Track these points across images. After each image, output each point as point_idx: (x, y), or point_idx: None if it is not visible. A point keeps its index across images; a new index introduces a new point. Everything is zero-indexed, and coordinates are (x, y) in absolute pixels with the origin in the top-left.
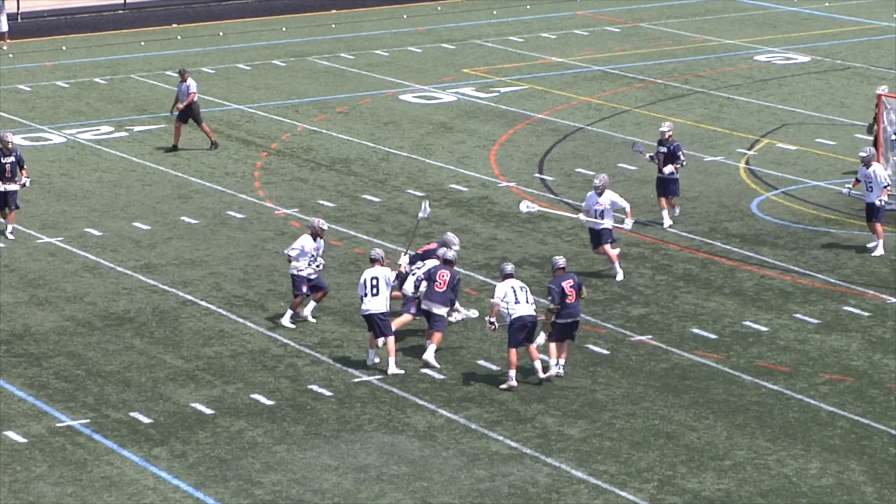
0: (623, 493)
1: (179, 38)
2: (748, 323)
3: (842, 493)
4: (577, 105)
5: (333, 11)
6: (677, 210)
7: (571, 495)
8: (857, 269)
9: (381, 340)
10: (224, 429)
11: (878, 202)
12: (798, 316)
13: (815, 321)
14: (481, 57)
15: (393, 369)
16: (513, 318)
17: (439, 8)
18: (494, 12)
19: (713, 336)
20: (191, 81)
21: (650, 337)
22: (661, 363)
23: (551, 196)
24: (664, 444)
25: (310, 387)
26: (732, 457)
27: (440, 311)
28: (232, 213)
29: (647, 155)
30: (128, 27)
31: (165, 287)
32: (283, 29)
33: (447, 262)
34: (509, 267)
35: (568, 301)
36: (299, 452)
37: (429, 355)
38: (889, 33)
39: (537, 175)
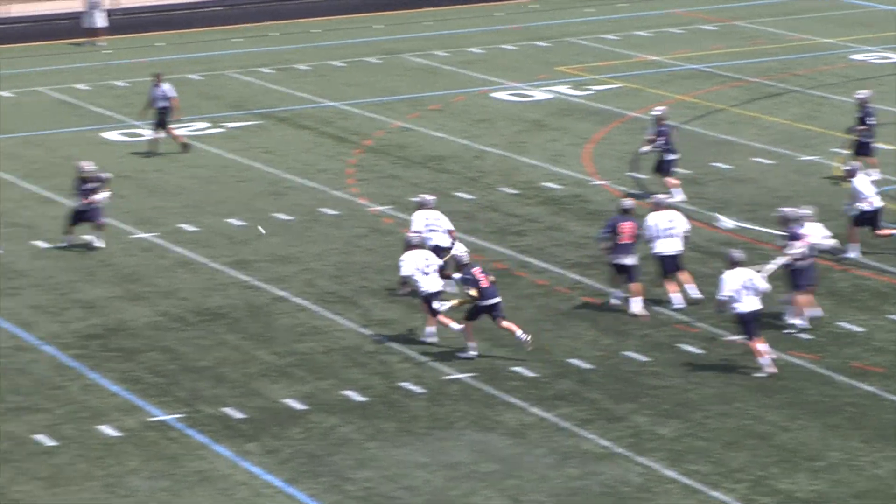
0: (715, 494)
1: (275, 34)
2: (843, 323)
3: None
4: (671, 104)
5: (427, 9)
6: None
7: (663, 495)
8: None
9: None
10: (316, 425)
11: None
12: (894, 317)
13: None
14: (575, 55)
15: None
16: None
17: (534, 6)
18: (589, 10)
19: (807, 336)
20: (167, 85)
21: (743, 337)
22: (754, 363)
23: (645, 195)
24: (757, 444)
25: (401, 384)
26: (826, 458)
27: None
28: (325, 210)
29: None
30: (222, 24)
31: (259, 283)
32: (377, 26)
33: (626, 212)
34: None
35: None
36: (391, 449)
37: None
38: None
39: (630, 173)
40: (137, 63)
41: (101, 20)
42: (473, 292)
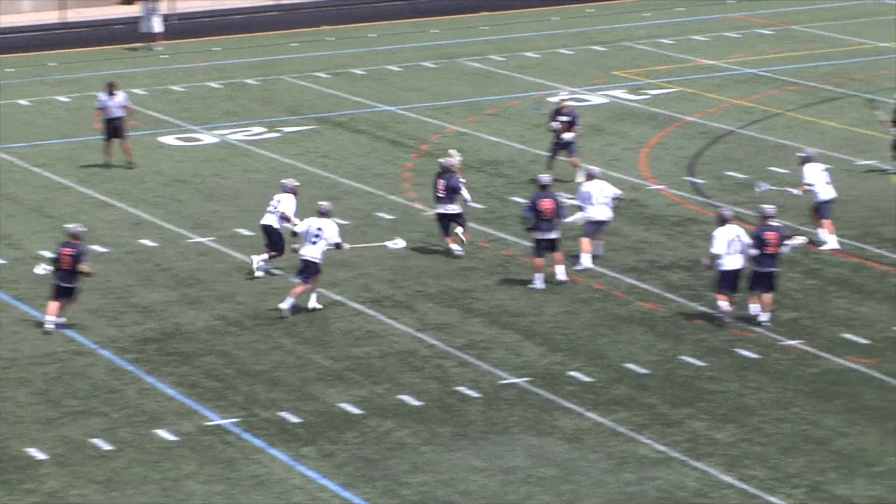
0: (772, 499)
1: (331, 39)
2: None
3: None
4: (727, 108)
5: (483, 13)
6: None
7: (720, 500)
8: None
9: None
10: (372, 429)
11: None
12: None
13: None
14: (632, 59)
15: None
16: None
17: (590, 10)
18: (646, 14)
19: (865, 341)
20: (121, 95)
21: (800, 341)
22: (811, 368)
23: (701, 199)
24: (814, 449)
25: (457, 388)
26: (884, 463)
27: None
28: (381, 214)
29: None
30: (279, 28)
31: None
32: (434, 31)
33: (545, 188)
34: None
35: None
36: (446, 453)
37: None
38: None
39: (687, 178)
40: (195, 67)
41: (158, 25)
42: None
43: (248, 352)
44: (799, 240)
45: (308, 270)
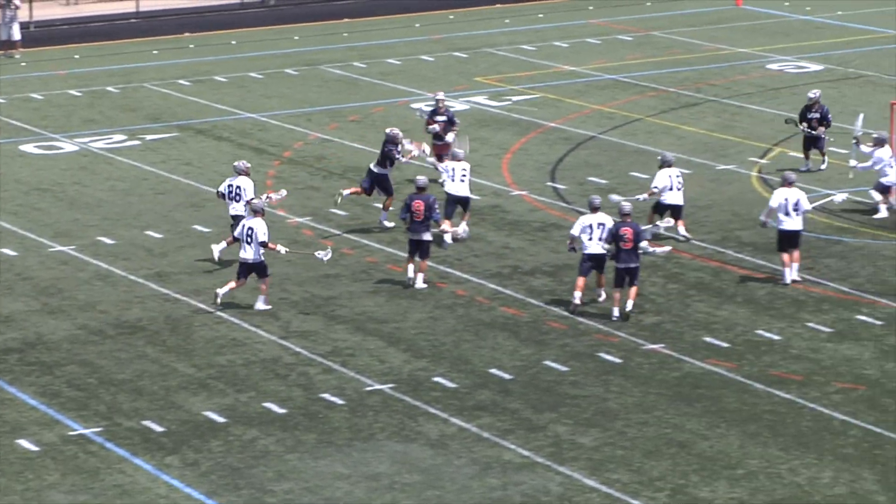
0: (635, 502)
1: (192, 46)
2: (761, 331)
3: (854, 502)
4: (589, 114)
5: (346, 20)
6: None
7: None
8: (870, 277)
9: None
10: (236, 437)
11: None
12: (811, 325)
13: (828, 330)
14: (494, 65)
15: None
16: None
17: (451, 17)
18: (507, 21)
19: (725, 344)
20: None
21: (662, 345)
22: (673, 372)
23: (563, 205)
24: (676, 452)
25: (322, 395)
26: (745, 466)
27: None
28: None
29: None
30: (140, 36)
31: (178, 296)
32: (296, 38)
33: (420, 190)
34: (597, 200)
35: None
36: (311, 461)
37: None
38: None
39: (549, 183)
40: (55, 75)
41: (17, 32)
42: None
43: (110, 361)
44: (663, 249)
45: (242, 270)
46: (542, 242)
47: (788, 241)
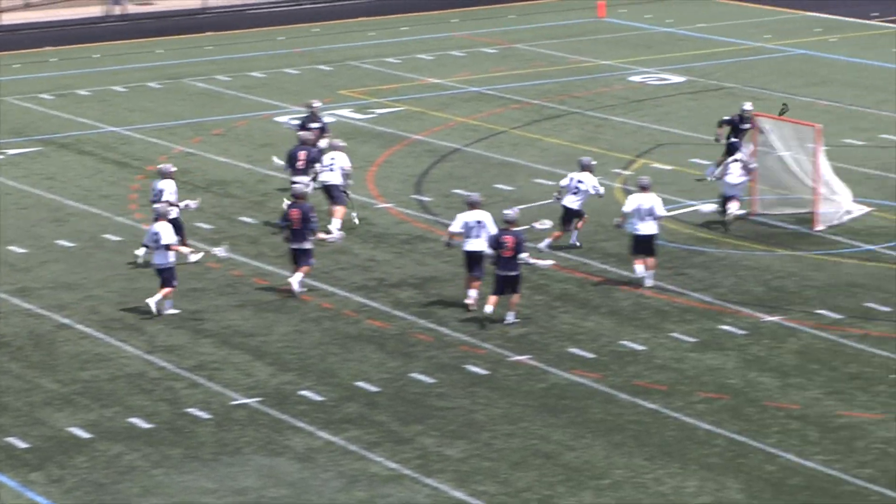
0: None
1: (54, 60)
2: (625, 342)
3: None
4: (453, 126)
5: (209, 33)
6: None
7: None
8: (733, 287)
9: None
10: (101, 453)
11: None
12: (674, 335)
13: (692, 340)
14: (358, 78)
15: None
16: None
17: (316, 30)
18: (371, 34)
19: (591, 355)
20: None
21: (529, 357)
22: (539, 383)
23: (429, 217)
24: (543, 463)
25: (188, 410)
26: (610, 475)
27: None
28: (108, 236)
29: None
30: (1, 49)
31: (41, 311)
32: (159, 51)
33: (298, 199)
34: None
35: None
36: (177, 476)
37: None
38: (762, 53)
39: (415, 196)
40: None
41: None
42: None
43: None
44: (545, 262)
45: (161, 275)
46: (408, 255)
47: (642, 245)
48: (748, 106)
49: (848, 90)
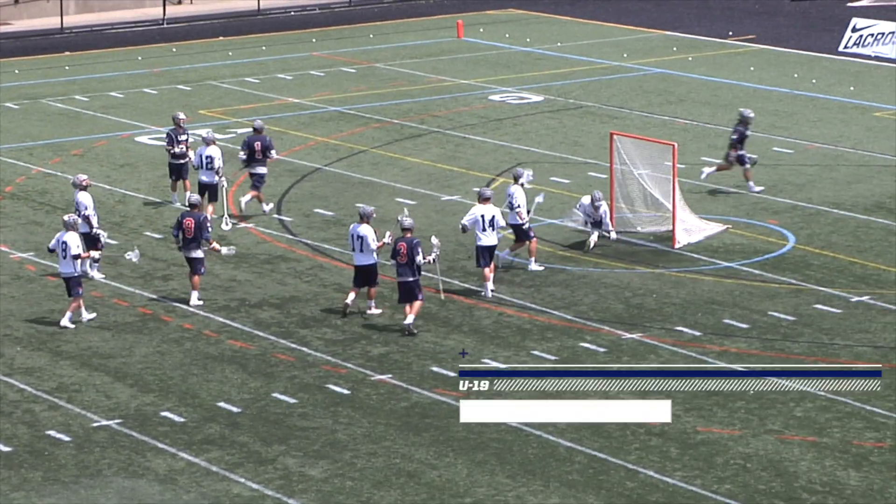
0: None
1: None
2: (487, 360)
3: None
4: (314, 146)
5: (67, 53)
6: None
7: None
8: (593, 305)
9: None
10: None
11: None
12: (536, 352)
13: (553, 357)
14: (217, 98)
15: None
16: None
17: (174, 49)
18: (230, 53)
19: (453, 374)
20: None
21: (390, 376)
22: (401, 402)
23: (290, 237)
24: (405, 482)
25: (48, 432)
26: (473, 494)
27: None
28: None
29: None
30: None
31: None
32: (16, 71)
33: (192, 207)
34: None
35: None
36: (37, 499)
37: None
38: (620, 72)
39: (276, 216)
40: None
41: None
42: None
43: None
44: (431, 256)
45: (68, 285)
46: (269, 275)
47: (486, 255)
48: (750, 113)
49: (704, 108)
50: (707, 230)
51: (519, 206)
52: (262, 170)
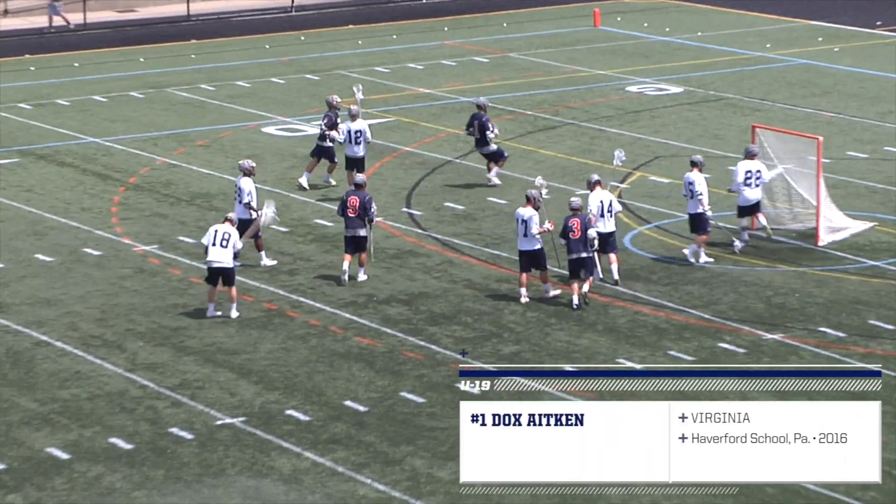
0: None
1: (33, 69)
2: (622, 360)
3: None
4: (444, 137)
5: (193, 41)
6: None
7: None
8: (732, 304)
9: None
10: (81, 474)
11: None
12: (672, 353)
13: (690, 358)
14: (346, 88)
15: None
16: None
17: (303, 38)
18: (360, 42)
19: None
20: None
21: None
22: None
23: (419, 231)
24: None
25: (170, 430)
26: (606, 497)
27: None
28: (88, 251)
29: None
30: None
31: (19, 327)
32: (141, 59)
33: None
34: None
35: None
36: (159, 498)
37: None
38: (761, 63)
39: (405, 209)
40: None
41: None
42: None
43: None
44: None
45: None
46: (397, 270)
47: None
48: None
49: (851, 101)
50: (852, 227)
51: (701, 194)
52: (490, 148)
